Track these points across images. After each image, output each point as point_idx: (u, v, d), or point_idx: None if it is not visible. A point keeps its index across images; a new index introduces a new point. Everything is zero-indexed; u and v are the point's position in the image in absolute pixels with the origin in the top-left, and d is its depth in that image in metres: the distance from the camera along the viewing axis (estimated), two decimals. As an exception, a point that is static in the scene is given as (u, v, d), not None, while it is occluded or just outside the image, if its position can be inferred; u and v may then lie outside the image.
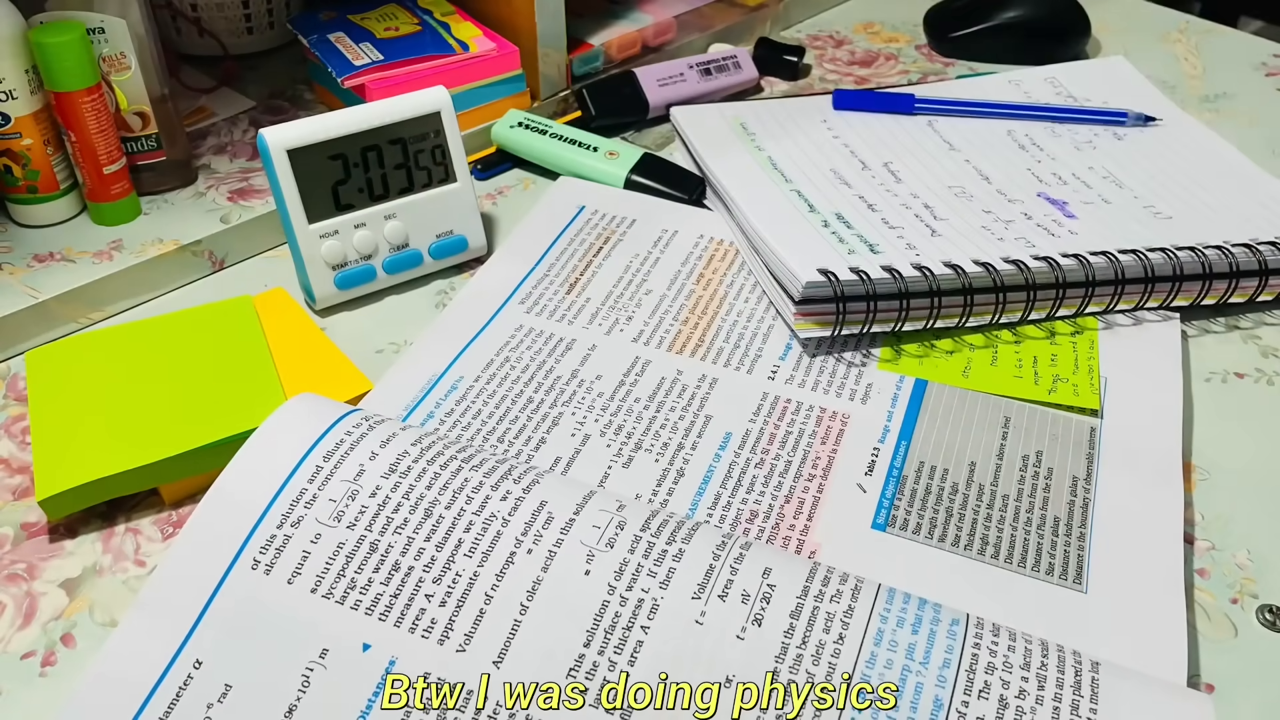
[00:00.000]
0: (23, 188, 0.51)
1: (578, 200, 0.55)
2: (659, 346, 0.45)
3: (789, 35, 0.75)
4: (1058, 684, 0.28)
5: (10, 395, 0.45)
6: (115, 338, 0.44)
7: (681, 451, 0.40)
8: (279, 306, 0.47)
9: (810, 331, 0.44)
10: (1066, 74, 0.64)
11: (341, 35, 0.60)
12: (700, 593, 0.30)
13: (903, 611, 0.30)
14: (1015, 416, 0.42)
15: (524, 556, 0.31)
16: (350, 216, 0.48)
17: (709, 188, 0.55)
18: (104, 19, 0.49)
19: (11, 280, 0.48)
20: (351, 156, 0.47)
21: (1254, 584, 0.36)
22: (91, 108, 0.49)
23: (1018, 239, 0.48)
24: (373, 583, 0.31)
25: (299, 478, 0.33)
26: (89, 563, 0.37)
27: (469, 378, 0.43)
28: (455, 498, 0.32)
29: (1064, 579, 0.35)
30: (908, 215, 0.50)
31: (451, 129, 0.49)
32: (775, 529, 0.37)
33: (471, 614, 0.30)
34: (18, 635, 0.35)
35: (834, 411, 0.42)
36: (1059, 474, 0.39)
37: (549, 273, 0.50)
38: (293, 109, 0.62)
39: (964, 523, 0.37)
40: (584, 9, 0.67)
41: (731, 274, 0.50)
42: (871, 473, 0.39)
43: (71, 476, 0.37)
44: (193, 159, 0.57)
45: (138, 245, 0.51)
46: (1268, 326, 0.48)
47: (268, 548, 0.32)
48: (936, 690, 0.28)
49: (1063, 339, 0.45)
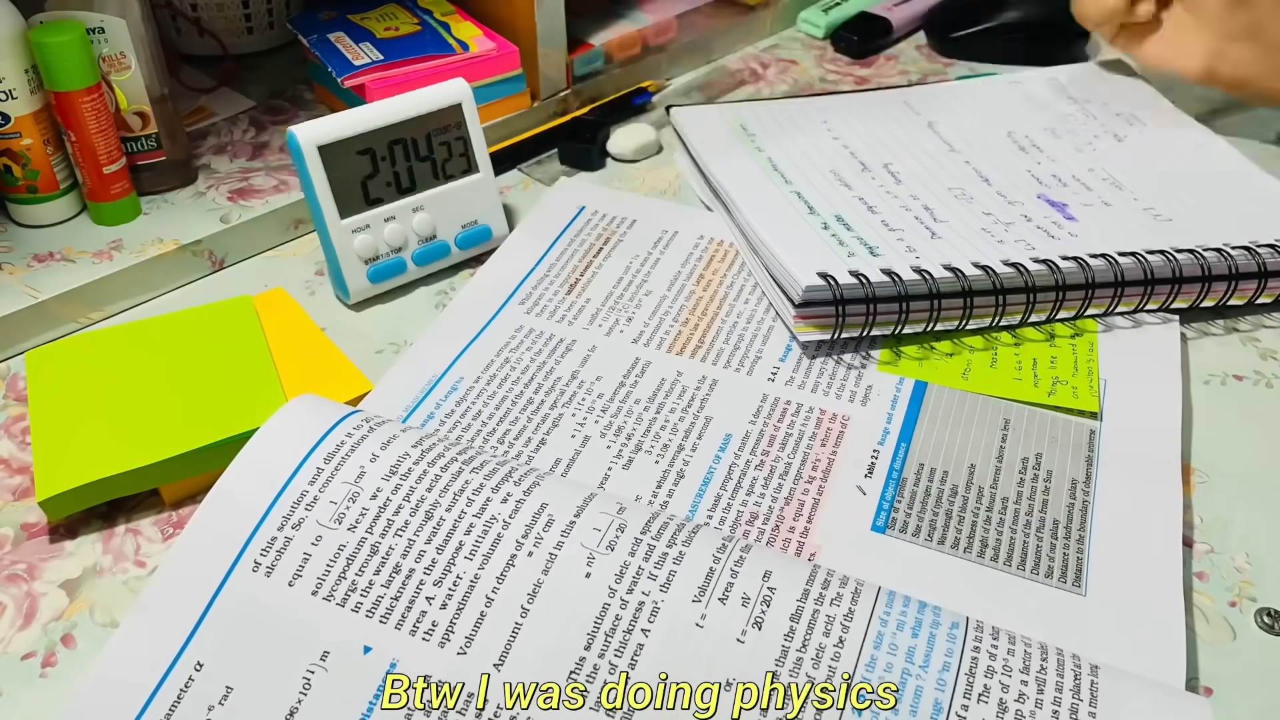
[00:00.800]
0: (23, 188, 0.51)
1: (578, 201, 0.55)
2: (659, 348, 0.45)
3: (789, 35, 0.75)
4: (1057, 687, 0.28)
5: (10, 395, 0.45)
6: (115, 338, 0.44)
7: (681, 453, 0.40)
8: (279, 306, 0.47)
9: (810, 334, 0.44)
10: (1066, 75, 0.64)
11: (341, 35, 0.60)
12: (700, 595, 0.30)
13: (902, 614, 0.30)
14: (1015, 419, 0.42)
15: (524, 559, 0.31)
16: (380, 210, 0.48)
17: (709, 189, 0.55)
18: (104, 19, 0.49)
19: (11, 280, 0.48)
20: (379, 151, 0.48)
21: (1252, 587, 0.36)
22: (91, 108, 0.49)
23: (1018, 241, 0.48)
24: (374, 585, 0.31)
25: (300, 479, 0.33)
26: (89, 563, 0.37)
27: (469, 378, 0.43)
28: (456, 500, 0.32)
29: (1063, 582, 0.35)
30: (907, 217, 0.50)
31: (473, 120, 0.50)
32: (775, 531, 0.37)
33: (472, 616, 0.30)
34: (18, 636, 0.35)
35: (834, 413, 0.42)
36: (1058, 476, 0.39)
37: (549, 273, 0.50)
38: (293, 109, 0.62)
39: (963, 525, 0.37)
40: (584, 9, 0.67)
41: (731, 275, 0.50)
42: (871, 475, 0.39)
43: (72, 477, 0.37)
44: (193, 159, 0.57)
45: (138, 245, 0.51)
46: (1267, 329, 0.48)
47: (269, 550, 0.32)
48: (936, 693, 0.28)
49: (1062, 341, 0.46)
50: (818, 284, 0.43)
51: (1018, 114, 0.60)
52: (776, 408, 0.42)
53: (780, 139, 0.57)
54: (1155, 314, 0.47)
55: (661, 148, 0.61)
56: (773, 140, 0.57)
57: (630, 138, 0.60)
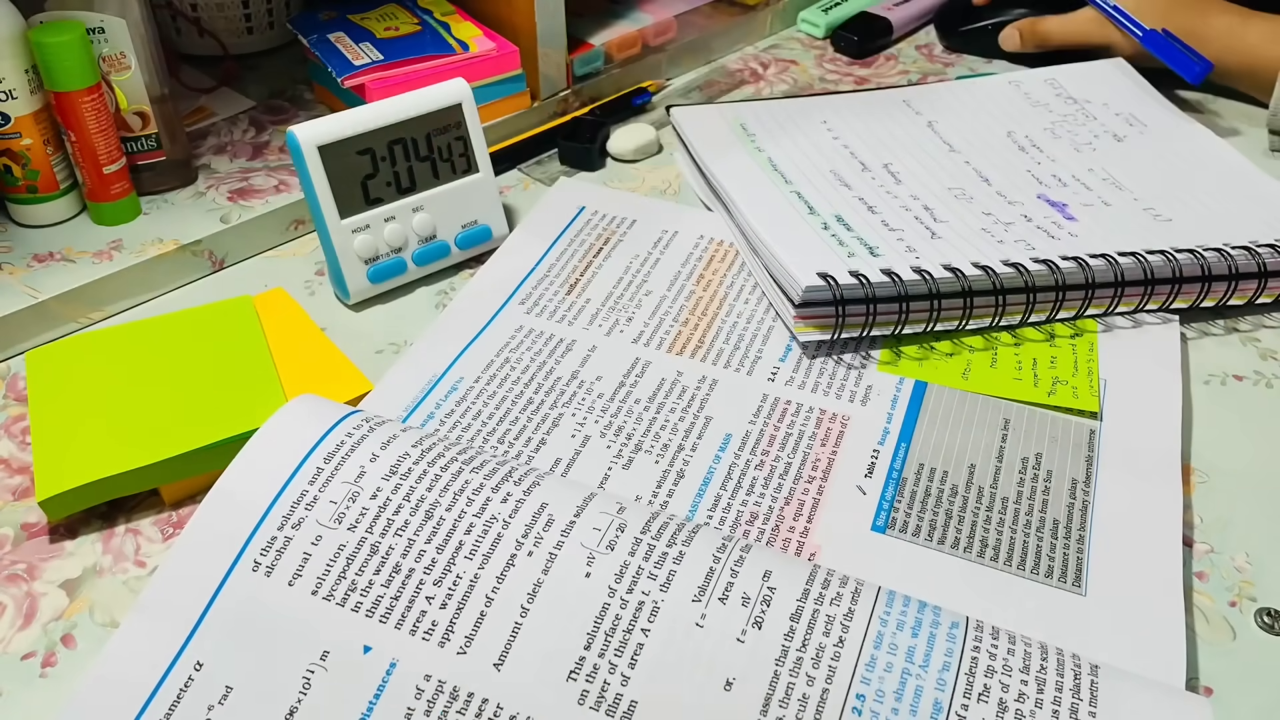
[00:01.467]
0: (22, 188, 0.51)
1: (578, 201, 0.55)
2: (659, 348, 0.45)
3: (789, 35, 0.75)
4: (1057, 687, 0.28)
5: (10, 395, 0.45)
6: (115, 338, 0.44)
7: (681, 453, 0.40)
8: (279, 306, 0.47)
9: (810, 335, 0.44)
10: (1066, 75, 0.64)
11: (341, 35, 0.60)
12: (700, 595, 0.30)
13: (902, 614, 0.30)
14: (1015, 419, 0.42)
15: (524, 559, 0.31)
16: (380, 210, 0.48)
17: (709, 188, 0.55)
18: (104, 19, 0.49)
19: (11, 280, 0.48)
20: (379, 151, 0.48)
21: (1252, 587, 0.36)
22: (91, 107, 0.49)
23: (1017, 241, 0.48)
24: (373, 585, 0.31)
25: (300, 479, 0.33)
26: (89, 563, 0.37)
27: (469, 379, 0.43)
28: (456, 500, 0.32)
29: (1063, 581, 0.35)
30: (908, 217, 0.50)
31: (473, 120, 0.50)
32: (775, 531, 0.37)
33: (472, 616, 0.30)
34: (18, 636, 0.35)
35: (834, 413, 0.42)
36: (1058, 476, 0.39)
37: (549, 273, 0.50)
38: (293, 109, 0.62)
39: (963, 525, 0.37)
40: (584, 9, 0.67)
41: (731, 275, 0.50)
42: (871, 475, 0.39)
43: (72, 477, 0.37)
44: (192, 159, 0.57)
45: (138, 245, 0.51)
46: (1267, 329, 0.48)
47: (269, 549, 0.32)
48: (936, 693, 0.28)
49: (1062, 341, 0.46)
50: (818, 284, 0.43)
51: (1018, 114, 0.60)
52: (776, 408, 0.42)
53: (780, 139, 0.57)
54: (1155, 314, 0.47)
55: (661, 147, 0.61)
56: (773, 140, 0.57)
57: (630, 138, 0.60)
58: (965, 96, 0.62)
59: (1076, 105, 0.61)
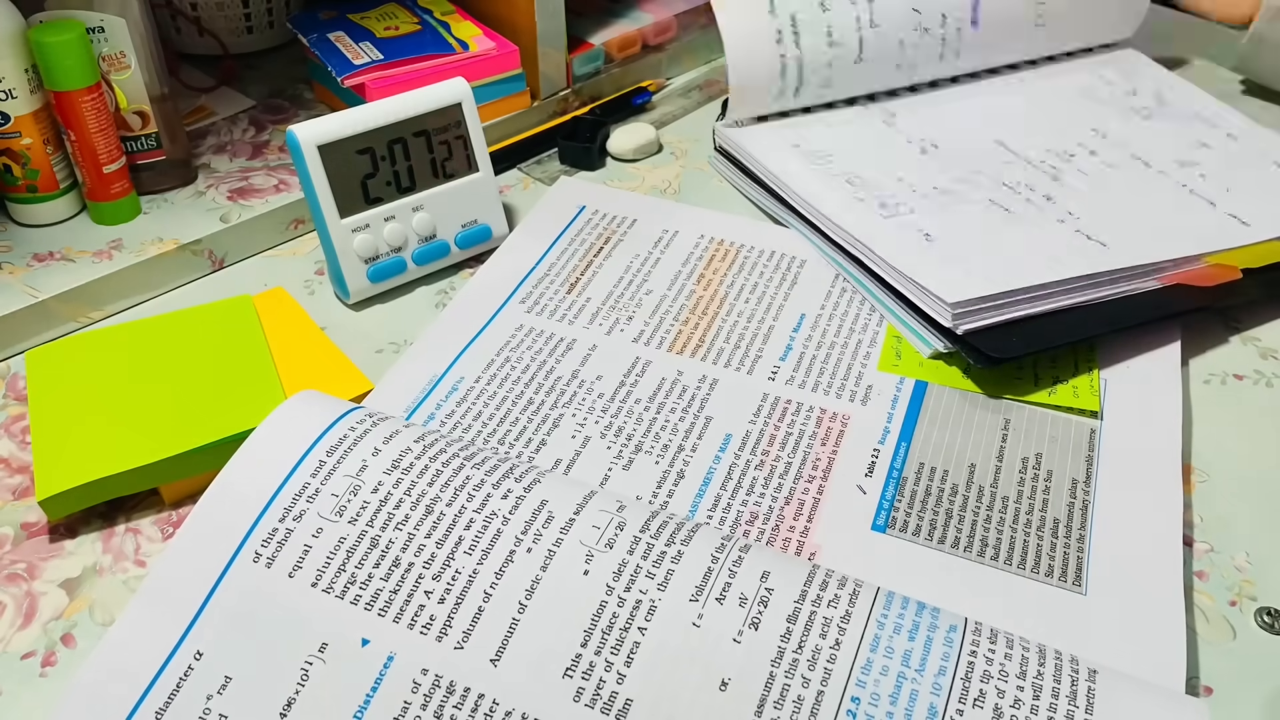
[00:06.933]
0: (22, 187, 0.51)
1: (578, 200, 0.55)
2: (659, 347, 0.45)
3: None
4: (1053, 693, 0.28)
5: (10, 395, 0.45)
6: (115, 337, 0.44)
7: (682, 453, 0.40)
8: (279, 306, 0.47)
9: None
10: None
11: (341, 34, 0.60)
12: (698, 595, 0.30)
13: (900, 617, 0.30)
14: (1015, 418, 0.42)
15: (523, 555, 0.31)
16: (379, 210, 0.48)
17: (782, 204, 0.53)
18: (104, 18, 0.49)
19: (11, 280, 0.48)
20: (379, 150, 0.48)
21: (1253, 586, 0.36)
22: (91, 107, 0.49)
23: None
24: (373, 578, 0.31)
25: (302, 472, 0.33)
26: (89, 563, 0.37)
27: (469, 378, 0.43)
28: (456, 495, 0.32)
29: (1063, 581, 0.35)
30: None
31: (472, 119, 0.50)
32: (775, 530, 0.37)
33: (470, 611, 0.30)
34: (18, 635, 0.35)
35: (834, 413, 0.42)
36: (1058, 476, 0.39)
37: (549, 272, 0.50)
38: (293, 108, 0.62)
39: (964, 524, 0.37)
40: (584, 8, 0.67)
41: (732, 274, 0.50)
42: (871, 474, 0.39)
43: (71, 476, 0.37)
44: (192, 158, 0.57)
45: (137, 244, 0.51)
46: (1267, 329, 0.48)
47: (270, 541, 0.32)
48: (931, 698, 0.28)
49: (1062, 340, 0.46)
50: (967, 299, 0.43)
51: (1077, 112, 0.60)
52: (777, 407, 0.42)
53: (854, 156, 0.55)
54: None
55: (661, 147, 0.61)
56: (850, 159, 0.55)
57: (630, 137, 0.60)
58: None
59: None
